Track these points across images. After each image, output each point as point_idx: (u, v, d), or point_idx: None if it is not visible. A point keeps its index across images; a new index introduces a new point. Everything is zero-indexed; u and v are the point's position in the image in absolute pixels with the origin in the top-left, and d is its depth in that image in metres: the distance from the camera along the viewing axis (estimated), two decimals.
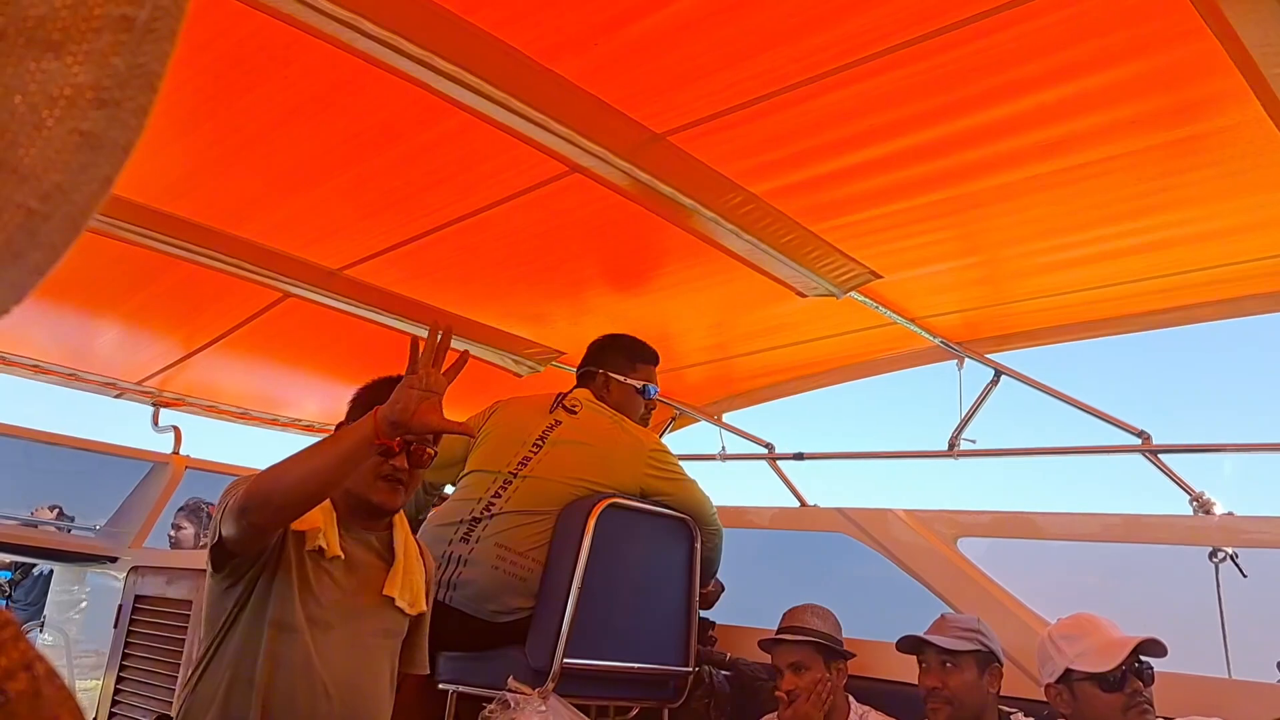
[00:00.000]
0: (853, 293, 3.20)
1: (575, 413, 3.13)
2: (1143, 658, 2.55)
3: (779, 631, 3.21)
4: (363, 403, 2.47)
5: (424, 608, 2.52)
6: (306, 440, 3.79)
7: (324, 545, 2.31)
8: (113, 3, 0.37)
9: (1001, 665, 2.89)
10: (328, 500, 2.36)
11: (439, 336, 2.15)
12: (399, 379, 2.19)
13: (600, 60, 2.19)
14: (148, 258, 3.15)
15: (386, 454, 2.35)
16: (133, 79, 0.38)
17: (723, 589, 3.64)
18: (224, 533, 2.18)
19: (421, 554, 2.59)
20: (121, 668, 4.00)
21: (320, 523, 2.32)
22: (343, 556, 2.34)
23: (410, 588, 2.46)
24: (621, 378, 3.29)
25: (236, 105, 2.43)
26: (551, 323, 3.87)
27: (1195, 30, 1.89)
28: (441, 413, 2.12)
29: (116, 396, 4.46)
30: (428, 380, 2.11)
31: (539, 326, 3.91)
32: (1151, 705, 2.51)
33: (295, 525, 2.27)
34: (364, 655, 2.35)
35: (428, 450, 2.38)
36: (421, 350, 2.14)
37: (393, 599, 2.41)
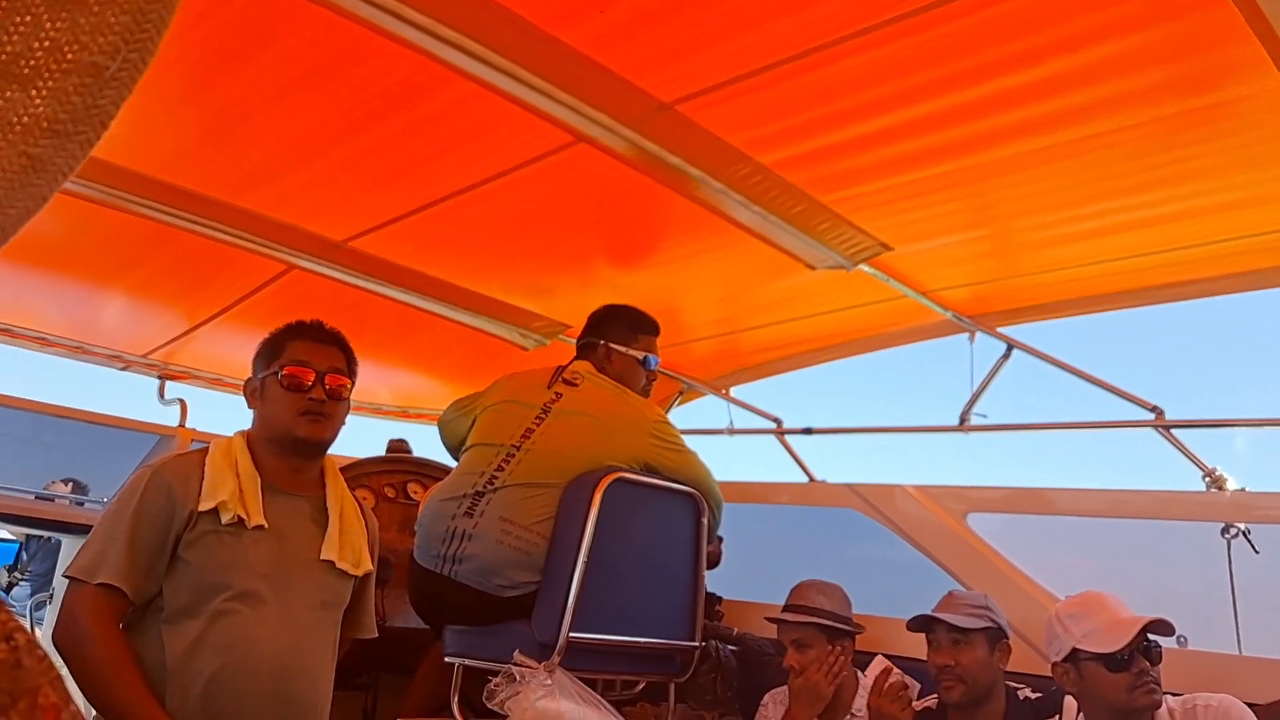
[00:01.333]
0: (863, 265, 3.17)
1: (577, 385, 3.11)
2: (1150, 636, 2.53)
3: (785, 608, 3.23)
4: (271, 347, 2.42)
5: (370, 567, 2.45)
6: None
7: (243, 515, 2.22)
8: (86, 51, 0.39)
9: (1009, 640, 2.89)
10: (251, 466, 2.31)
11: None
12: (311, 324, 2.41)
13: (606, 28, 2.15)
14: (151, 229, 3.13)
15: (300, 388, 2.33)
16: (88, 116, 0.40)
17: (721, 540, 3.59)
18: None
19: (362, 511, 2.52)
20: None
21: (227, 493, 2.23)
22: (266, 526, 2.25)
23: (351, 547, 2.38)
24: (623, 348, 3.26)
25: (239, 75, 2.40)
26: (558, 295, 3.85)
27: None
28: None
29: (122, 369, 4.45)
30: None
31: (545, 299, 3.89)
32: (1158, 684, 2.49)
33: (202, 505, 2.21)
34: (300, 629, 2.28)
35: (342, 379, 2.39)
36: None
37: (332, 563, 2.33)
